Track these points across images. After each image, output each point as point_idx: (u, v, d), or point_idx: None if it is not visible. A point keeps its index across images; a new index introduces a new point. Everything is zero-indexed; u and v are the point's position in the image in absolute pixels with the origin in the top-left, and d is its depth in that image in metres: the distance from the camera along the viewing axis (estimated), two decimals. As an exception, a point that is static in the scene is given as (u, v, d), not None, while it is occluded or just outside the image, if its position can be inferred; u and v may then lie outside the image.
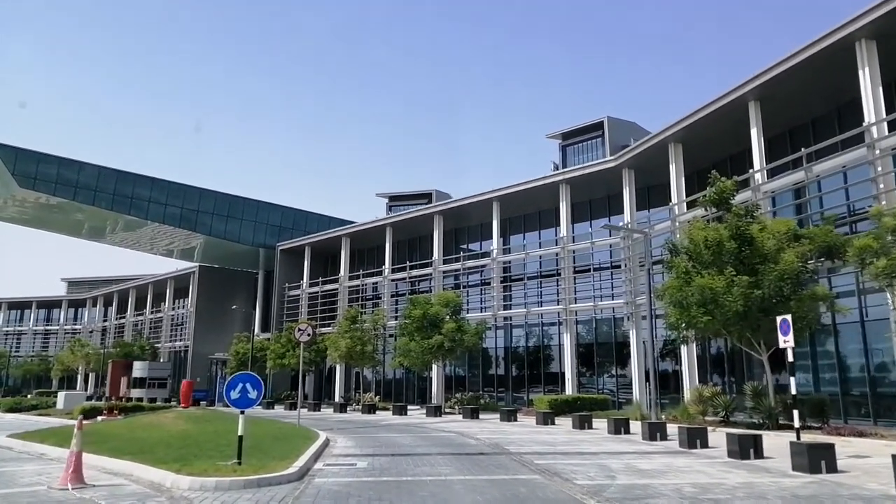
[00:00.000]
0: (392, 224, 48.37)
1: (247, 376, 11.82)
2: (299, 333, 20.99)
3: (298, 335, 20.99)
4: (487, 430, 22.86)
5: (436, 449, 16.50)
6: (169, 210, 51.85)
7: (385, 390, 48.66)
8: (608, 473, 12.04)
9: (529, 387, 40.99)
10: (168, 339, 71.17)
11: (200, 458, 12.87)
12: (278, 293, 56.01)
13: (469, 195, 42.39)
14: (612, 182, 36.11)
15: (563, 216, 37.54)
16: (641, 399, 32.20)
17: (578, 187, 37.82)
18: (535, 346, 41.30)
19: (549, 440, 19.28)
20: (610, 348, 38.04)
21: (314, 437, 17.69)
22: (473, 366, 44.84)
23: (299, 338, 21.01)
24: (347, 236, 52.14)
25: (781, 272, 19.52)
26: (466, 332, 34.80)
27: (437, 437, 19.97)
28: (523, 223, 43.53)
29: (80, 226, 61.21)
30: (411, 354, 35.10)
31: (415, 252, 48.85)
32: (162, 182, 52.19)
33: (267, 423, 22.29)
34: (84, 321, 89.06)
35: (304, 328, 21.04)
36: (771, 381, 21.30)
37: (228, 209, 55.28)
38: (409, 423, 26.91)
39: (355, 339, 39.52)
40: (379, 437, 20.20)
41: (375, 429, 23.90)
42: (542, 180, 38.23)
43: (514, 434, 21.37)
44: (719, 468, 12.89)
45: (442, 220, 44.97)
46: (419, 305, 35.53)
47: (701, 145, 31.19)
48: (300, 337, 21.01)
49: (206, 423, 19.52)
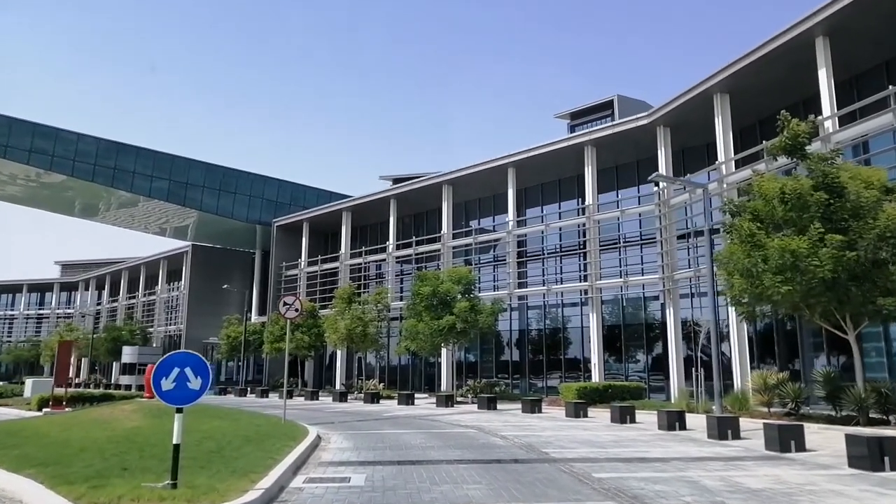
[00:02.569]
0: (396, 196, 44.41)
1: (185, 357, 8.07)
2: (285, 308, 17.21)
3: (284, 310, 17.22)
4: (512, 425, 19.15)
5: (455, 453, 12.77)
6: (156, 183, 47.99)
7: (390, 377, 45.05)
8: (713, 500, 8.26)
9: (547, 373, 37.29)
10: (162, 323, 67.61)
11: (129, 472, 9.16)
12: (275, 273, 52.28)
13: (481, 161, 38.39)
14: (644, 142, 32.12)
15: (588, 182, 33.56)
16: (676, 386, 28.48)
17: (605, 150, 33.80)
18: (554, 328, 37.54)
19: (593, 439, 15.52)
20: (638, 330, 34.27)
21: (300, 435, 13.98)
22: (486, 350, 41.14)
23: (285, 313, 17.23)
24: (349, 211, 48.27)
25: (883, 229, 15.63)
26: (481, 312, 31.02)
27: (454, 435, 16.25)
28: (541, 194, 39.57)
29: (72, 204, 57.65)
30: (420, 337, 31.39)
31: (421, 228, 45.02)
32: (147, 152, 48.23)
33: (247, 416, 18.55)
34: (77, 305, 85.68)
35: (290, 302, 17.25)
36: (860, 367, 17.43)
37: (220, 182, 51.38)
38: (418, 415, 23.23)
39: (355, 320, 35.77)
40: (382, 434, 16.50)
41: (378, 422, 20.20)
42: (564, 142, 34.23)
43: (545, 430, 17.63)
44: (861, 488, 9.11)
45: (451, 190, 41.06)
46: (428, 282, 31.77)
47: (750, 98, 27.20)
48: (286, 313, 17.23)
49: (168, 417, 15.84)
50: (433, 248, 41.59)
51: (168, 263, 67.94)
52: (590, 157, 33.53)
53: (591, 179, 33.40)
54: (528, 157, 35.96)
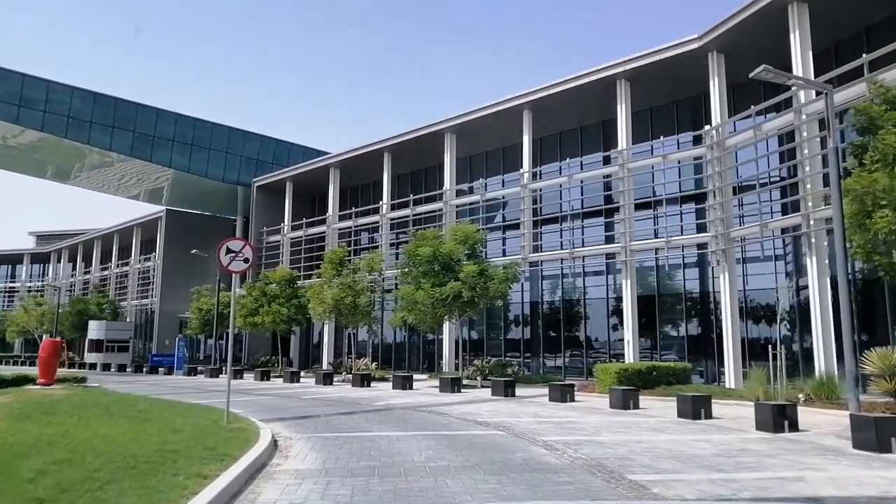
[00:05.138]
0: (391, 148, 38.71)
1: None
2: (228, 258, 11.85)
3: (227, 261, 11.86)
4: (548, 422, 13.93)
5: (489, 483, 7.57)
6: (118, 135, 42.09)
7: (384, 356, 39.89)
8: None
9: (565, 351, 32.17)
10: (136, 297, 62.06)
11: None
12: (254, 238, 46.73)
13: (491, 102, 32.74)
14: (690, 75, 26.64)
15: (621, 122, 28.04)
16: (732, 369, 23.38)
17: (640, 86, 28.28)
18: (573, 299, 32.34)
19: (686, 451, 10.28)
20: (677, 302, 29.10)
21: (239, 450, 8.73)
22: (493, 325, 35.97)
23: (228, 265, 11.88)
24: (337, 167, 42.63)
25: None
26: (492, 278, 25.72)
27: (476, 443, 11.00)
28: (559, 145, 34.06)
29: (43, 166, 51.95)
30: (418, 308, 26.12)
31: (420, 188, 39.51)
32: (107, 98, 42.18)
33: (173, 413, 13.00)
34: (48, 278, 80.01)
35: (236, 248, 11.90)
36: None
37: (193, 136, 45.45)
38: (419, 405, 18.03)
39: (344, 289, 30.43)
40: (370, 439, 11.25)
41: (366, 417, 14.94)
42: (590, 75, 28.57)
43: (600, 432, 12.42)
44: None
45: (455, 140, 35.51)
46: (428, 241, 26.42)
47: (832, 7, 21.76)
48: (229, 264, 11.87)
49: (39, 419, 10.55)
50: (434, 209, 36.12)
51: (142, 232, 62.24)
52: (623, 92, 28.00)
53: (625, 119, 27.89)
54: (548, 96, 30.35)
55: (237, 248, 12.02)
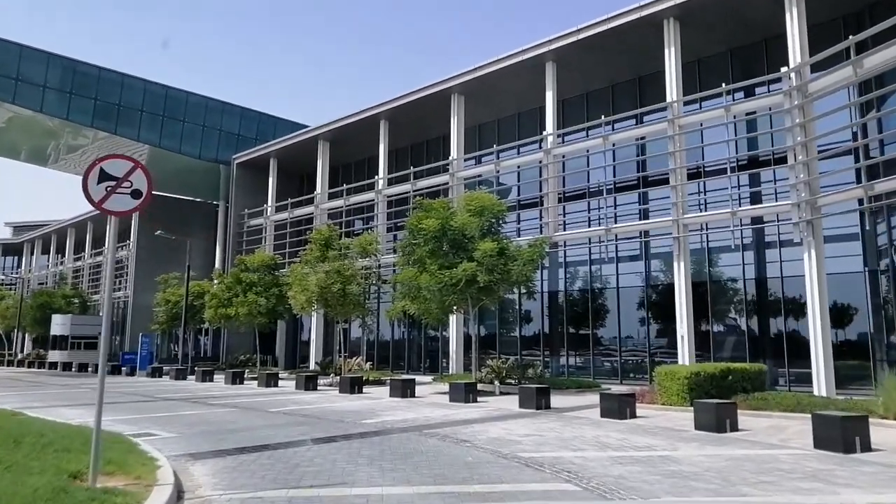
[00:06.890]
0: (388, 114, 33.40)
1: None
2: (103, 188, 6.73)
3: (100, 193, 6.73)
4: (630, 459, 8.82)
5: None
6: (76, 101, 36.78)
7: (380, 354, 34.81)
8: None
9: (595, 348, 27.17)
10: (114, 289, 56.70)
11: None
12: (234, 222, 41.62)
13: (507, 53, 27.54)
14: (755, 13, 21.57)
15: (671, 69, 22.86)
16: (823, 370, 18.40)
17: (692, 28, 23.19)
18: (605, 287, 27.35)
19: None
20: (733, 290, 24.11)
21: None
22: (505, 319, 30.91)
23: (101, 200, 6.79)
24: (326, 140, 37.41)
25: None
26: (515, 259, 20.64)
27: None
28: (585, 106, 28.91)
29: (18, 147, 46.78)
30: (422, 295, 21.03)
31: (421, 160, 34.32)
32: (62, 60, 36.87)
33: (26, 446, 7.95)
34: (21, 270, 74.78)
35: (118, 171, 6.77)
36: None
37: (164, 107, 40.13)
38: (426, 425, 12.96)
39: (332, 275, 25.26)
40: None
41: (350, 448, 9.82)
42: (631, 13, 23.39)
43: (737, 484, 7.31)
44: None
45: (462, 102, 30.36)
46: (435, 213, 21.30)
47: None
48: (105, 198, 6.83)
49: None
50: (439, 182, 30.93)
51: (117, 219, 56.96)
52: (672, 35, 22.89)
53: (674, 66, 22.78)
54: (576, 42, 25.20)
55: (121, 171, 6.95)
